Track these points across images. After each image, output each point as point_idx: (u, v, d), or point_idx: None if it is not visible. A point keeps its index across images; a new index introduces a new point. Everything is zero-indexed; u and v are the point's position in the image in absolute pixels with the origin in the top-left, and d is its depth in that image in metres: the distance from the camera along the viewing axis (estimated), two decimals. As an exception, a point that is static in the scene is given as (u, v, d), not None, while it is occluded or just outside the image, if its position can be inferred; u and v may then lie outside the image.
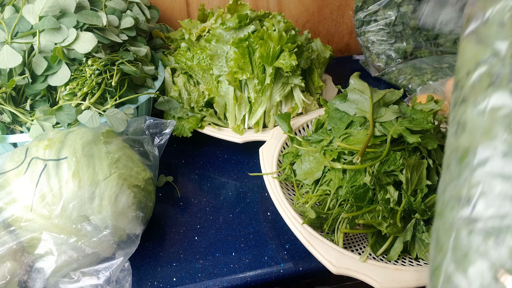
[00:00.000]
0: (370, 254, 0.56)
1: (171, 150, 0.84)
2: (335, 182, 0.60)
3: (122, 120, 0.64)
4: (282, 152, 0.73)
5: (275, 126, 0.82)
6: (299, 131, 0.80)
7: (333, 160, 0.62)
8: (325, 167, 0.63)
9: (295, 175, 0.66)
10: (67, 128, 0.64)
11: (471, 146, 0.29)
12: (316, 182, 0.64)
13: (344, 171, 0.60)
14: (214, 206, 0.71)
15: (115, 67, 0.69)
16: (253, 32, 0.77)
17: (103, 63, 0.67)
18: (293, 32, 0.78)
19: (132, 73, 0.71)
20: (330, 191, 0.61)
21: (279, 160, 0.71)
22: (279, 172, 0.69)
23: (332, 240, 0.57)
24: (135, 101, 0.73)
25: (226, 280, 0.58)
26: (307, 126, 0.81)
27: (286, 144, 0.75)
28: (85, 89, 0.65)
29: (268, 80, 0.76)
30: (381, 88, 0.83)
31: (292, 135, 0.72)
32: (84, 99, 0.66)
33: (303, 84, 0.79)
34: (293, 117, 0.82)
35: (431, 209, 0.56)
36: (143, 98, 0.75)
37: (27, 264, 0.51)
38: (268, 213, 0.69)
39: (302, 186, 0.67)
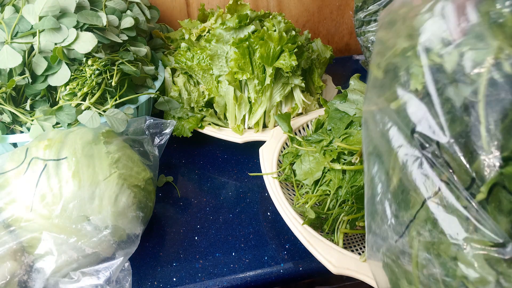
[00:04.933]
0: (370, 254, 0.56)
1: (171, 150, 0.84)
2: (334, 182, 0.60)
3: (122, 120, 0.64)
4: (282, 152, 0.73)
5: (275, 126, 0.82)
6: (299, 131, 0.80)
7: (333, 160, 0.62)
8: (324, 167, 0.63)
9: (295, 175, 0.66)
10: (67, 128, 0.64)
11: None
12: (316, 182, 0.64)
13: (344, 171, 0.60)
14: (214, 206, 0.71)
15: (115, 67, 0.69)
16: (253, 32, 0.77)
17: (103, 63, 0.67)
18: (293, 32, 0.78)
19: (132, 73, 0.71)
20: (330, 191, 0.61)
21: (279, 160, 0.71)
22: (279, 172, 0.69)
23: (332, 240, 0.57)
24: (135, 101, 0.73)
25: (226, 280, 0.58)
26: (307, 126, 0.81)
27: (286, 144, 0.75)
28: (85, 89, 0.65)
29: (268, 81, 0.76)
30: (381, 88, 0.82)
31: (292, 135, 0.72)
32: (84, 99, 0.66)
33: (303, 85, 0.79)
34: (293, 117, 0.82)
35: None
36: (143, 98, 0.75)
37: (27, 264, 0.51)
38: (268, 213, 0.69)
39: (302, 186, 0.67)
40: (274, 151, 0.72)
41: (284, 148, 0.74)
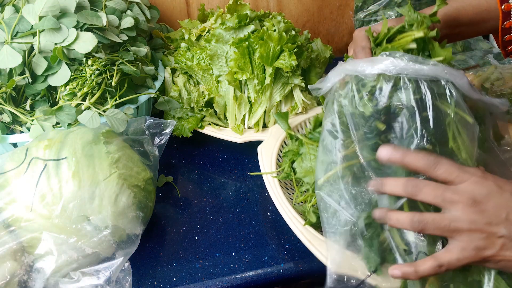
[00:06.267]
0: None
1: (171, 150, 0.84)
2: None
3: (122, 120, 0.64)
4: (281, 150, 0.73)
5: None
6: (298, 130, 0.80)
7: None
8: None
9: (294, 173, 0.66)
10: (67, 128, 0.64)
11: None
12: (317, 182, 0.64)
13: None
14: (214, 206, 0.71)
15: (115, 67, 0.69)
16: (253, 32, 0.77)
17: (103, 63, 0.67)
18: (293, 32, 0.78)
19: (132, 73, 0.71)
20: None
21: (278, 159, 0.71)
22: (278, 171, 0.69)
23: (332, 240, 0.57)
24: (135, 101, 0.73)
25: (226, 280, 0.58)
26: (305, 124, 0.81)
27: (285, 142, 0.75)
28: (85, 89, 0.65)
29: (268, 80, 0.76)
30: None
31: (292, 133, 0.72)
32: (84, 99, 0.66)
33: (303, 84, 0.79)
34: (292, 116, 0.82)
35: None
36: (143, 98, 0.75)
37: (27, 264, 0.51)
38: (268, 213, 0.69)
39: (302, 184, 0.67)
40: (273, 149, 0.72)
41: (283, 147, 0.74)
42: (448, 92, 0.45)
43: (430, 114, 0.44)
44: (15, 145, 0.65)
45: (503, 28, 0.57)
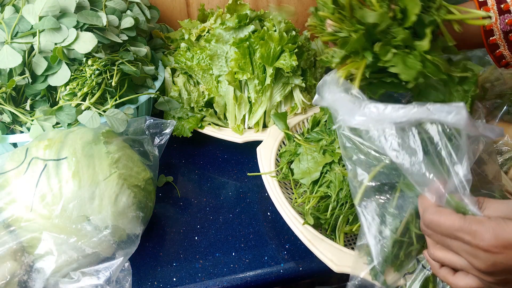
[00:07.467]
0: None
1: (171, 150, 0.84)
2: (335, 184, 0.60)
3: (122, 120, 0.64)
4: (279, 150, 0.73)
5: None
6: (296, 130, 0.80)
7: (333, 162, 0.62)
8: (323, 167, 0.63)
9: (292, 174, 0.66)
10: (67, 128, 0.64)
11: None
12: (314, 182, 0.64)
13: (344, 171, 0.60)
14: (214, 206, 0.71)
15: (115, 67, 0.69)
16: (253, 32, 0.77)
17: (103, 63, 0.67)
18: (293, 32, 0.78)
19: (132, 73, 0.71)
20: (330, 193, 0.61)
21: (277, 159, 0.71)
22: (277, 171, 0.69)
23: (333, 239, 0.57)
24: (135, 101, 0.73)
25: (226, 280, 0.58)
26: (303, 123, 0.81)
27: (284, 142, 0.75)
28: (85, 89, 0.65)
29: (268, 81, 0.76)
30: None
31: (289, 133, 0.72)
32: (84, 99, 0.66)
33: (303, 85, 0.79)
34: (291, 116, 0.82)
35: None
36: (143, 98, 0.75)
37: (27, 264, 0.51)
38: (268, 213, 0.69)
39: (300, 185, 0.67)
40: (271, 150, 0.72)
41: (281, 147, 0.74)
42: (436, 137, 0.41)
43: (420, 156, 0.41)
44: (15, 145, 0.65)
45: (489, 44, 0.56)
